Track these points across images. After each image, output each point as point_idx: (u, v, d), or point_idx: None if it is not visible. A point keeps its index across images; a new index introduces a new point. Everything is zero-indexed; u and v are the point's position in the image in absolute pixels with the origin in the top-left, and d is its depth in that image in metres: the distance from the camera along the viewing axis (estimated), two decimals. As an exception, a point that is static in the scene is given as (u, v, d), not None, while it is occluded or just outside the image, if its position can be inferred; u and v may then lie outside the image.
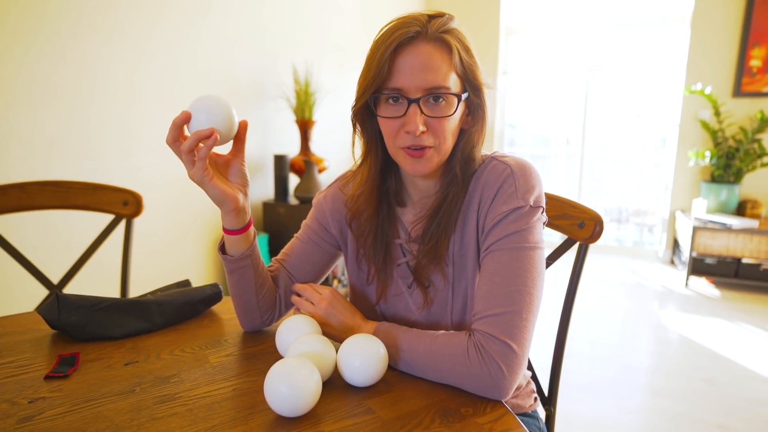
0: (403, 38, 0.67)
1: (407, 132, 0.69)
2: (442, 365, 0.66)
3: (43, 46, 1.58)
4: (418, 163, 0.71)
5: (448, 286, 0.79)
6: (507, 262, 0.69)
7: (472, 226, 0.76)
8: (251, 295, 0.81)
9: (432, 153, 0.71)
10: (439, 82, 0.68)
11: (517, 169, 0.72)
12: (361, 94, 0.72)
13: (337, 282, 2.59)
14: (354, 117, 0.77)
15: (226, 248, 0.79)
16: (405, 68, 0.68)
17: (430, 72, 0.68)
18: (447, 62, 0.69)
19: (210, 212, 2.36)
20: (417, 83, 0.68)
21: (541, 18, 4.42)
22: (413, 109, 0.68)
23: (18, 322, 0.87)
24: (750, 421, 1.86)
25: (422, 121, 0.69)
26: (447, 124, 0.70)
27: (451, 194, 0.76)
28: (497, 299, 0.67)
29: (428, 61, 0.68)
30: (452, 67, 0.69)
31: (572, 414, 1.89)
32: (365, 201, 0.81)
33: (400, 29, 0.68)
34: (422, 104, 0.69)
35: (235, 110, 0.70)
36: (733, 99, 3.75)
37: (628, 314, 3.02)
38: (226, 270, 0.80)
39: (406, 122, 0.69)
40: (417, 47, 0.68)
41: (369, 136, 0.78)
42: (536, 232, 0.71)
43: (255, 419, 0.58)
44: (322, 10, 3.13)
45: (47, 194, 1.22)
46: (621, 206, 4.72)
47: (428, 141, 0.70)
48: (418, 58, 0.68)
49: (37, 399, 0.62)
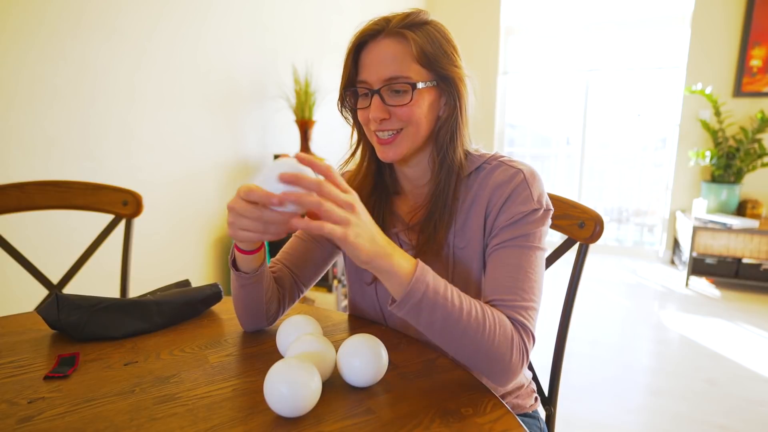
0: (365, 37, 0.75)
1: (372, 119, 0.75)
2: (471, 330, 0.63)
3: (43, 46, 1.58)
4: (388, 149, 0.77)
5: (447, 277, 0.80)
6: (519, 258, 0.72)
7: (476, 223, 0.77)
8: (259, 304, 0.80)
9: (401, 138, 0.76)
10: (396, 72, 0.73)
11: (528, 173, 0.76)
12: (340, 88, 0.81)
13: (337, 282, 2.59)
14: (340, 110, 0.85)
15: (238, 264, 0.77)
16: (368, 62, 0.75)
17: (388, 64, 0.73)
18: (405, 53, 0.74)
19: (210, 212, 2.36)
20: (377, 75, 0.74)
21: (541, 18, 4.42)
22: (375, 99, 0.75)
23: (18, 322, 0.87)
24: (750, 421, 1.86)
25: (384, 110, 0.74)
26: (410, 111, 0.75)
27: (443, 181, 0.79)
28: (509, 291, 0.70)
29: (386, 54, 0.74)
30: (411, 57, 0.74)
31: (572, 414, 1.89)
32: (360, 184, 0.85)
33: (364, 29, 0.76)
34: (384, 94, 0.74)
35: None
36: (733, 99, 3.75)
37: (628, 314, 3.02)
38: (234, 283, 0.79)
39: (371, 111, 0.75)
40: (378, 43, 0.74)
41: (358, 126, 0.85)
42: (544, 235, 0.76)
43: (255, 419, 0.58)
44: (322, 10, 3.13)
45: (47, 194, 1.22)
46: (621, 206, 4.72)
47: (393, 125, 0.75)
48: (377, 52, 0.74)
49: (36, 399, 0.62)
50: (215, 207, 2.39)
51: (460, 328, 0.63)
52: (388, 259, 0.61)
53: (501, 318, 0.66)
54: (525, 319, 0.68)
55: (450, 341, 0.65)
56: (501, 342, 0.64)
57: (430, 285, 0.63)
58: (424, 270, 0.63)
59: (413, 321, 0.64)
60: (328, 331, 0.85)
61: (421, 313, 0.63)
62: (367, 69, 0.75)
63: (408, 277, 0.62)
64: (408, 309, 0.63)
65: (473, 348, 0.64)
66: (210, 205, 2.36)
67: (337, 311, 0.95)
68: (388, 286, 0.64)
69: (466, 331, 0.63)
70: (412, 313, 0.63)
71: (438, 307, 0.63)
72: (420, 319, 0.64)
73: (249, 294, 0.79)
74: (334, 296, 2.57)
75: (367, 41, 0.75)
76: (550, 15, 4.38)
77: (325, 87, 2.91)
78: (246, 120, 2.55)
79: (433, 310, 0.63)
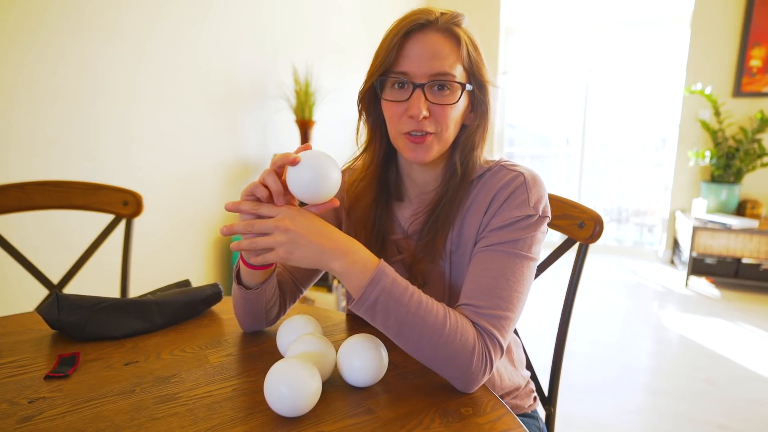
0: (413, 25, 0.70)
1: (410, 116, 0.71)
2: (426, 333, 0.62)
3: (43, 46, 1.58)
4: (419, 149, 0.72)
5: (444, 284, 0.79)
6: (503, 264, 0.69)
7: (472, 227, 0.76)
8: (260, 311, 0.80)
9: (432, 140, 0.72)
10: (445, 69, 0.70)
11: (529, 178, 0.73)
12: (369, 76, 0.74)
13: (337, 282, 2.59)
14: (360, 101, 0.78)
15: (242, 277, 0.76)
16: (413, 54, 0.70)
17: (438, 59, 0.69)
18: (455, 53, 0.71)
19: (210, 212, 2.36)
20: (423, 69, 0.70)
21: (541, 18, 4.42)
22: (417, 94, 0.70)
23: (18, 322, 0.87)
24: (750, 421, 1.86)
25: (426, 107, 0.70)
26: (450, 113, 0.71)
27: (451, 191, 0.77)
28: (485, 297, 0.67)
29: (436, 48, 0.70)
30: (459, 58, 0.71)
31: (572, 414, 1.89)
32: (365, 188, 0.82)
33: (411, 17, 0.71)
34: (427, 90, 0.70)
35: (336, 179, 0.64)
36: (733, 99, 3.75)
37: (628, 314, 3.02)
38: (236, 293, 0.78)
39: (410, 106, 0.70)
40: (426, 35, 0.70)
41: (373, 123, 0.80)
42: (537, 243, 0.72)
43: (255, 419, 0.58)
44: (322, 10, 3.13)
45: (47, 194, 1.22)
46: (621, 206, 4.72)
47: (430, 127, 0.71)
48: (426, 45, 0.70)
49: (37, 399, 0.62)
50: (215, 207, 2.39)
51: (415, 332, 0.62)
52: (340, 260, 0.63)
53: (464, 325, 0.64)
54: (494, 328, 0.65)
55: (406, 344, 0.64)
56: (460, 349, 0.62)
57: (386, 288, 0.62)
58: (381, 273, 0.63)
59: (369, 321, 0.64)
60: (328, 331, 0.85)
61: (376, 315, 0.63)
62: (412, 60, 0.70)
63: (364, 280, 0.62)
64: (363, 310, 0.63)
65: (430, 353, 0.63)
66: (210, 205, 2.36)
67: (337, 311, 0.95)
68: (345, 286, 0.64)
69: (421, 336, 0.62)
70: (368, 315, 0.64)
71: (391, 312, 0.62)
72: (375, 321, 0.64)
73: (249, 305, 0.78)
74: (334, 296, 2.58)
75: (413, 31, 0.70)
76: (550, 15, 4.38)
77: (325, 87, 2.91)
78: (246, 120, 2.55)
79: (387, 314, 0.62)
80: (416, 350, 0.64)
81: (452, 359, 0.62)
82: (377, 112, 0.78)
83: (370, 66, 0.74)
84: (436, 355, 0.63)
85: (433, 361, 0.63)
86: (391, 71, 0.71)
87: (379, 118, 0.79)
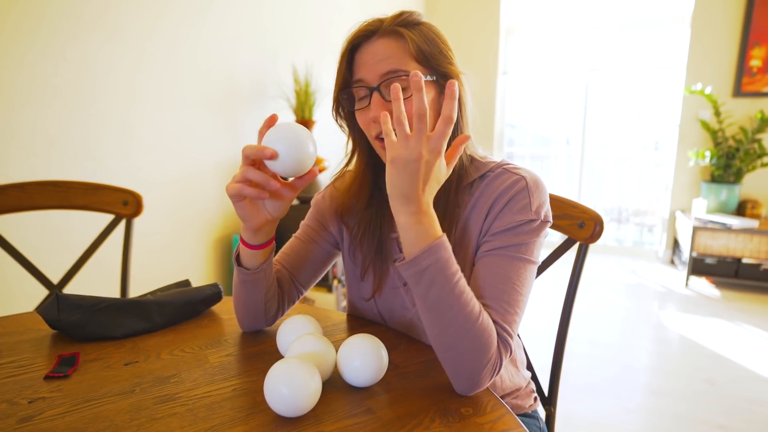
0: (358, 38, 0.74)
1: (374, 121, 0.73)
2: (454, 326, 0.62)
3: (43, 46, 1.58)
4: None
5: None
6: (508, 268, 0.70)
7: (474, 229, 0.76)
8: (259, 303, 0.80)
9: None
10: (394, 66, 0.72)
11: (531, 182, 0.74)
12: (335, 93, 0.78)
13: (337, 282, 2.59)
14: (335, 117, 0.82)
15: (242, 259, 0.77)
16: (362, 62, 0.73)
17: (384, 60, 0.72)
18: (402, 50, 0.73)
19: (210, 212, 2.36)
20: (374, 72, 0.72)
21: (541, 18, 4.42)
22: (375, 97, 0.72)
23: (18, 322, 0.87)
24: (750, 421, 1.86)
25: (386, 107, 0.72)
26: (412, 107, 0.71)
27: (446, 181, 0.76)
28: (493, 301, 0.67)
29: (382, 51, 0.72)
30: (409, 54, 0.73)
31: (572, 414, 1.89)
32: (354, 196, 0.83)
33: (357, 31, 0.74)
34: (384, 91, 0.72)
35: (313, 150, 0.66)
36: (733, 99, 3.75)
37: (628, 314, 3.02)
38: (236, 279, 0.78)
39: (372, 109, 0.72)
40: (372, 43, 0.73)
41: (354, 133, 0.82)
42: (538, 247, 0.73)
43: (255, 419, 0.58)
44: (322, 10, 3.13)
45: (47, 194, 1.22)
46: (621, 206, 4.72)
47: None
48: (373, 51, 0.73)
49: (37, 399, 0.62)
50: (215, 207, 2.39)
51: (450, 314, 0.62)
52: (413, 216, 0.62)
53: (492, 328, 0.64)
54: (504, 332, 0.65)
55: (435, 323, 0.63)
56: (482, 347, 0.62)
57: (441, 261, 0.62)
58: (441, 245, 0.62)
59: (411, 286, 0.64)
60: (328, 331, 0.85)
61: (420, 282, 0.63)
62: (363, 67, 0.73)
63: (424, 243, 0.62)
64: (410, 273, 0.63)
65: (453, 340, 0.62)
66: (210, 205, 2.36)
67: (337, 311, 0.95)
68: (403, 240, 0.64)
69: (454, 320, 0.62)
70: (413, 280, 0.63)
71: (436, 285, 0.62)
72: (417, 288, 0.63)
73: (249, 291, 0.78)
74: (334, 296, 2.58)
75: (361, 42, 0.74)
76: (550, 15, 4.38)
77: (325, 87, 2.91)
78: (246, 120, 2.55)
79: (431, 286, 0.62)
80: (442, 333, 0.63)
81: (472, 354, 0.62)
82: (353, 123, 0.81)
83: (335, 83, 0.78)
84: (459, 344, 0.62)
85: (452, 351, 0.63)
86: (350, 83, 0.75)
87: (357, 127, 0.81)
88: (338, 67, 0.76)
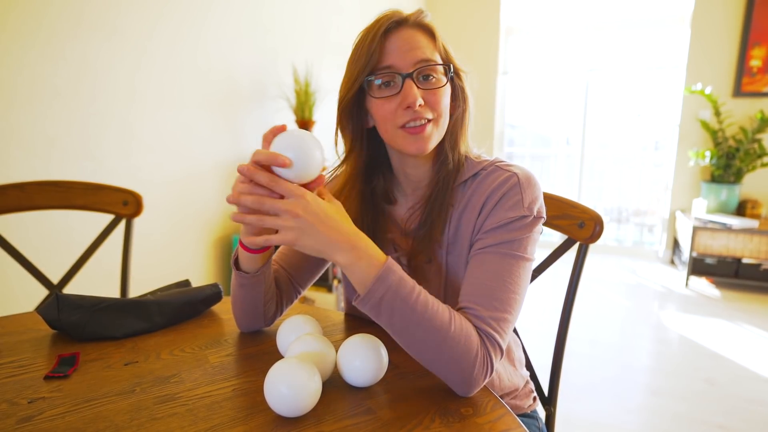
0: (390, 23, 0.73)
1: (407, 107, 0.71)
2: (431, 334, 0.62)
3: (43, 46, 1.58)
4: (419, 139, 0.73)
5: (441, 283, 0.79)
6: (500, 265, 0.69)
7: (468, 227, 0.76)
8: (258, 305, 0.80)
9: (431, 129, 0.74)
10: (427, 56, 0.72)
11: (523, 178, 0.73)
12: (354, 80, 0.74)
13: (337, 282, 2.59)
14: (342, 112, 0.78)
15: (240, 262, 0.76)
16: (394, 48, 0.72)
17: (418, 49, 0.72)
18: (431, 43, 0.74)
19: (210, 212, 2.36)
20: (407, 60, 0.72)
21: (541, 18, 4.42)
22: (408, 83, 0.71)
23: (18, 322, 0.87)
24: (750, 421, 1.86)
25: (420, 94, 0.72)
26: (442, 98, 0.74)
27: (441, 182, 0.78)
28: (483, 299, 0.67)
29: (414, 40, 0.73)
30: (436, 48, 0.75)
31: (572, 414, 1.89)
32: (347, 198, 0.80)
33: (386, 17, 0.74)
34: (415, 79, 0.72)
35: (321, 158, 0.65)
36: (733, 99, 3.75)
37: (628, 314, 3.02)
38: (234, 282, 0.78)
39: (404, 96, 0.71)
40: (403, 31, 0.73)
41: (353, 134, 0.79)
42: (532, 243, 0.72)
43: (255, 419, 0.58)
44: (322, 10, 3.13)
45: (47, 194, 1.22)
46: (621, 206, 4.72)
47: (428, 114, 0.73)
48: (405, 39, 0.73)
49: (36, 399, 0.62)
50: (215, 207, 2.39)
51: (420, 333, 0.62)
52: (346, 253, 0.61)
53: (468, 329, 0.63)
54: (494, 330, 0.65)
55: (409, 344, 0.63)
56: (463, 353, 0.62)
57: (393, 286, 0.61)
58: (389, 270, 0.62)
59: (374, 319, 0.64)
60: (328, 331, 0.85)
61: (381, 313, 0.62)
62: (395, 53, 0.72)
63: (371, 276, 0.61)
64: (368, 308, 0.63)
65: (433, 355, 0.62)
66: (210, 205, 2.36)
67: (337, 311, 0.95)
68: (351, 280, 0.63)
69: (426, 338, 0.62)
70: (372, 312, 0.63)
71: (396, 311, 0.61)
72: (380, 319, 0.63)
73: (247, 294, 0.78)
74: (334, 296, 2.58)
75: (390, 29, 0.73)
76: (550, 15, 4.38)
77: (325, 87, 2.91)
78: (246, 120, 2.55)
79: (392, 313, 0.62)
80: (420, 352, 0.63)
81: (455, 362, 0.62)
82: (358, 123, 0.78)
83: (350, 72, 0.75)
84: (440, 357, 0.62)
85: (436, 364, 0.63)
86: (377, 69, 0.73)
87: (359, 129, 0.79)
88: (362, 52, 0.73)
